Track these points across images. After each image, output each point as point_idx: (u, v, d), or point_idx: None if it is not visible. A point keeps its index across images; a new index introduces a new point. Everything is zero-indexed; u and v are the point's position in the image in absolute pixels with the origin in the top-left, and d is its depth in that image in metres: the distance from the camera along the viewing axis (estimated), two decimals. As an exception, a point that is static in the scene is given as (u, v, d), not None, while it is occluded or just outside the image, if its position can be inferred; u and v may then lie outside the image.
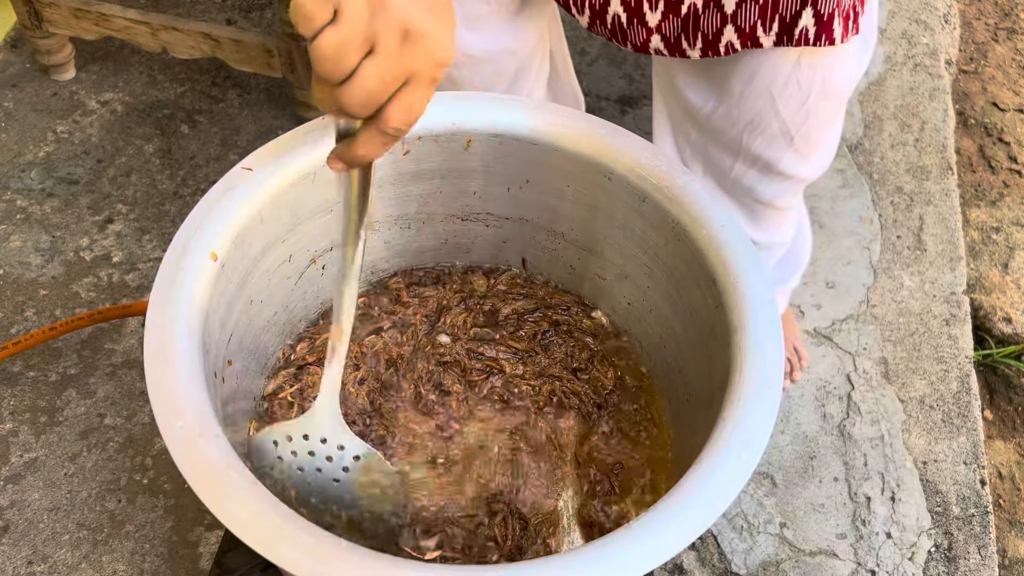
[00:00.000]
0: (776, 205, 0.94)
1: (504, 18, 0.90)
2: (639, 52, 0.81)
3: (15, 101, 1.42)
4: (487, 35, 0.90)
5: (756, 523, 1.08)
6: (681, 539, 0.54)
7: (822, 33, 0.74)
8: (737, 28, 0.75)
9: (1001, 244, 1.47)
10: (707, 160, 0.91)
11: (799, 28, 0.74)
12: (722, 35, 0.76)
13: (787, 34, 0.75)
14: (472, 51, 0.90)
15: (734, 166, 0.89)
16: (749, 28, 0.75)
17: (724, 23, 0.76)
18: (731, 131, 0.85)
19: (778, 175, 0.89)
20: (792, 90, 0.80)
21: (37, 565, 0.98)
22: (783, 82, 0.79)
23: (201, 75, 1.48)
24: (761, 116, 0.82)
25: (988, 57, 1.76)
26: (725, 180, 0.91)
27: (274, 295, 0.75)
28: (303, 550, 0.51)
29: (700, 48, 0.78)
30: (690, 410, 0.74)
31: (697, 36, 0.78)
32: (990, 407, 1.32)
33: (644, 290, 0.78)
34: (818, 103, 0.82)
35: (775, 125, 0.83)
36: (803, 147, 0.86)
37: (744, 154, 0.87)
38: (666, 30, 0.78)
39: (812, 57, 0.78)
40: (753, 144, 0.85)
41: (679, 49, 0.79)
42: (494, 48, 0.91)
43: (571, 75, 1.13)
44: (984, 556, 1.09)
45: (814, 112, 0.82)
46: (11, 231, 1.26)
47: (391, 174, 0.76)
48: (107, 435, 1.08)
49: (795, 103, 0.81)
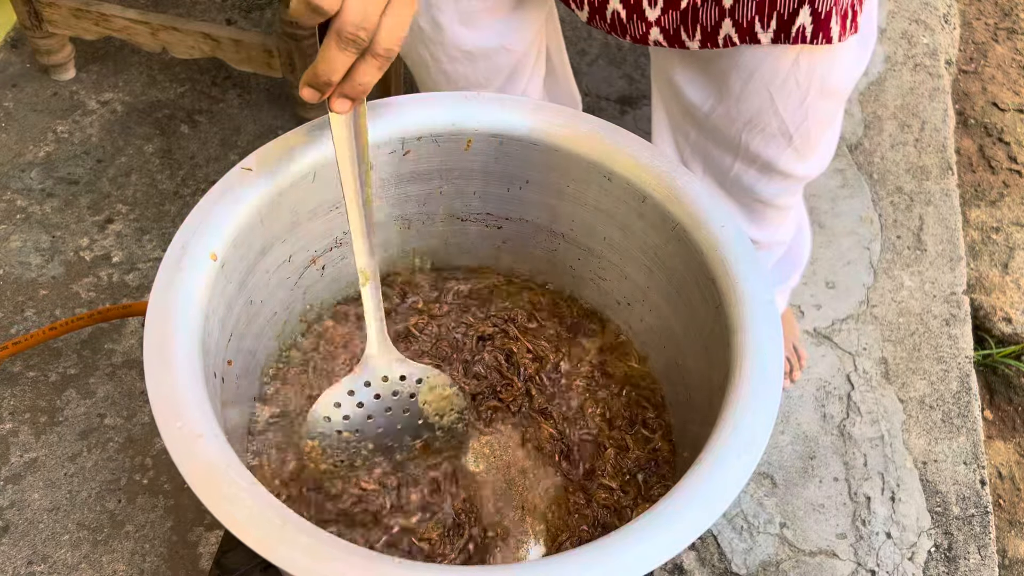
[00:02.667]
0: (776, 204, 0.94)
1: (500, 15, 0.90)
2: (638, 43, 0.81)
3: (15, 101, 1.42)
4: (482, 31, 0.90)
5: (756, 523, 1.08)
6: (681, 539, 0.54)
7: (819, 31, 0.74)
8: (735, 22, 0.75)
9: (1001, 244, 1.47)
10: (707, 159, 0.91)
11: (796, 26, 0.74)
12: (720, 28, 0.76)
13: (784, 31, 0.75)
14: (467, 47, 0.90)
15: (733, 165, 0.89)
16: (747, 23, 0.75)
17: (722, 17, 0.76)
18: (730, 130, 0.85)
19: (777, 174, 0.89)
20: (791, 88, 0.80)
21: (37, 565, 0.98)
22: (782, 80, 0.79)
23: (201, 75, 1.48)
24: (760, 114, 0.82)
25: (988, 57, 1.76)
26: (725, 179, 0.92)
27: (274, 295, 0.75)
28: (302, 550, 0.51)
29: (699, 40, 0.78)
30: (690, 410, 0.74)
31: (696, 28, 0.78)
32: (990, 407, 1.32)
33: (644, 290, 0.78)
34: (817, 102, 0.82)
35: (774, 124, 0.83)
36: (802, 146, 0.86)
37: (743, 153, 0.87)
38: (665, 23, 0.78)
39: (811, 55, 0.78)
40: (752, 143, 0.85)
41: (678, 41, 0.79)
42: (489, 45, 0.91)
43: (568, 74, 1.13)
44: (984, 556, 1.09)
45: (813, 111, 0.82)
46: (11, 231, 1.26)
47: (391, 174, 0.76)
48: (107, 435, 1.08)
49: (794, 101, 0.81)
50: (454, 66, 0.92)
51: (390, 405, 0.70)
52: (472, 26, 0.89)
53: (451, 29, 0.88)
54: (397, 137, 0.73)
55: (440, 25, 0.88)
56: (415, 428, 0.72)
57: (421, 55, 0.92)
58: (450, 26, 0.88)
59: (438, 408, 0.72)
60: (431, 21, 0.88)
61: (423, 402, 0.71)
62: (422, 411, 0.71)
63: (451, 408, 0.72)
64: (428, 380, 0.71)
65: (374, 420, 0.70)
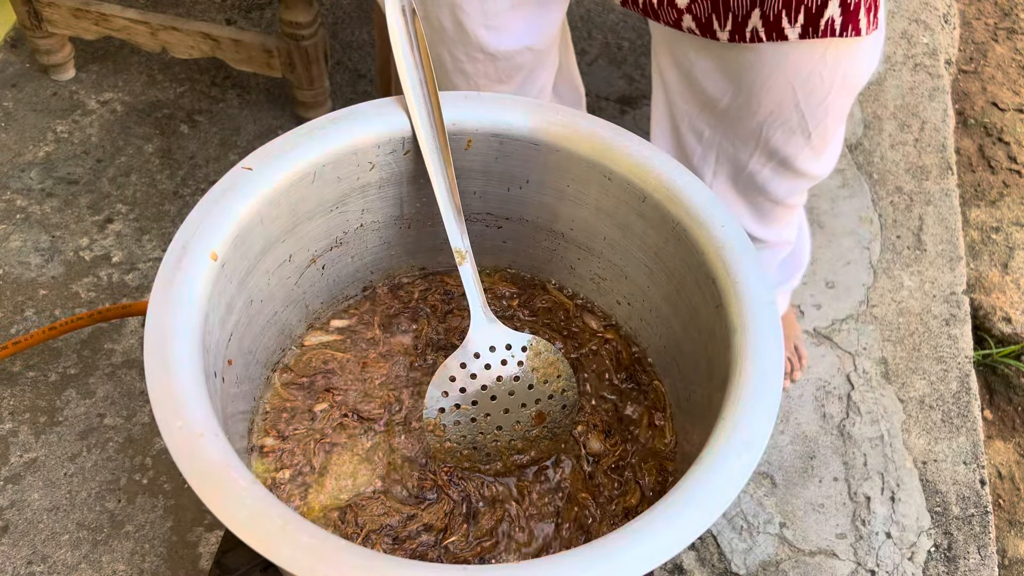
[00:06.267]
0: (787, 203, 0.94)
1: (524, 14, 0.89)
2: (674, 28, 0.81)
3: (15, 101, 1.42)
4: (506, 33, 0.89)
5: (756, 523, 1.08)
6: (681, 539, 0.54)
7: (848, 23, 0.74)
8: (763, 14, 0.75)
9: (1001, 244, 1.47)
10: (721, 158, 0.91)
11: (825, 18, 0.73)
12: (749, 19, 0.76)
13: (812, 25, 0.74)
14: (490, 49, 0.89)
15: (749, 162, 0.88)
16: (774, 16, 0.74)
17: (753, 6, 0.75)
18: (750, 123, 0.85)
19: (792, 171, 0.89)
20: (815, 84, 0.79)
21: (37, 565, 0.98)
22: (806, 75, 0.79)
23: (201, 75, 1.48)
24: (781, 108, 0.82)
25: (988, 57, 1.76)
26: (739, 178, 0.91)
27: (274, 295, 0.75)
28: (303, 550, 0.51)
29: (729, 31, 0.78)
30: (690, 410, 0.74)
31: (727, 17, 0.77)
32: (990, 407, 1.32)
33: (644, 290, 0.78)
34: (837, 97, 0.81)
35: (794, 119, 0.82)
36: (819, 143, 0.86)
37: (762, 147, 0.86)
38: (696, 11, 0.78)
39: (837, 50, 0.77)
40: (772, 137, 0.85)
41: (710, 30, 0.79)
42: (512, 47, 0.91)
43: (573, 66, 1.12)
44: (984, 556, 1.09)
45: (833, 106, 0.82)
46: (11, 231, 1.26)
47: (391, 174, 0.76)
48: (107, 435, 1.08)
49: (817, 97, 0.81)
50: (474, 66, 0.91)
51: (501, 374, 0.72)
52: (496, 28, 0.88)
53: (475, 32, 0.88)
54: (398, 137, 0.73)
55: (463, 26, 0.87)
56: (528, 394, 0.74)
57: (439, 54, 0.92)
58: (475, 29, 0.87)
59: (545, 375, 0.74)
60: (454, 21, 0.87)
61: (531, 368, 0.73)
62: (531, 377, 0.73)
63: (557, 375, 0.74)
64: (532, 346, 0.73)
65: (488, 390, 0.72)
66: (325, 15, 1.60)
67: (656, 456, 0.76)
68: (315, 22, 1.28)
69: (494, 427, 0.73)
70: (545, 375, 0.74)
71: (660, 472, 0.75)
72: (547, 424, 0.74)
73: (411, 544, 0.69)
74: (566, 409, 0.75)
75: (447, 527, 0.70)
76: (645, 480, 0.74)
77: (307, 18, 1.26)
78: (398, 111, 0.73)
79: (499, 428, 0.73)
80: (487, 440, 0.73)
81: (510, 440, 0.73)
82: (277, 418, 0.75)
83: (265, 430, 0.74)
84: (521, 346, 0.73)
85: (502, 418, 0.73)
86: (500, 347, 0.72)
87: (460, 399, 0.71)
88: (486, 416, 0.72)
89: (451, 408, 0.71)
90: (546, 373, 0.74)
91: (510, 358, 0.73)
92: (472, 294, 0.71)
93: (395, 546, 0.69)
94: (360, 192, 0.75)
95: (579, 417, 0.77)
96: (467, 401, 0.72)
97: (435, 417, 0.71)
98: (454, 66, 0.92)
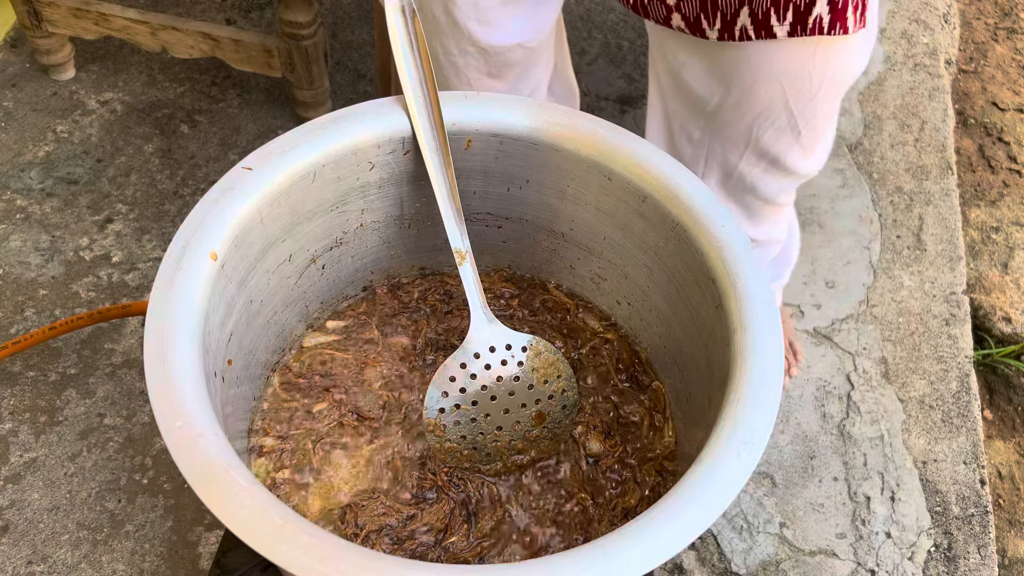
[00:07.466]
0: (777, 202, 0.94)
1: (518, 11, 0.89)
2: (663, 26, 0.81)
3: (15, 101, 1.42)
4: (498, 29, 0.89)
5: (756, 523, 1.08)
6: (681, 539, 0.54)
7: (836, 21, 0.74)
8: (752, 12, 0.75)
9: (1001, 244, 1.47)
10: (711, 160, 0.91)
11: (813, 16, 0.73)
12: (738, 17, 0.76)
13: (801, 23, 0.74)
14: (482, 44, 0.90)
15: (740, 162, 0.89)
16: (763, 14, 0.75)
17: (741, 4, 0.76)
18: (740, 124, 0.85)
19: (782, 170, 0.89)
20: (804, 83, 0.80)
21: (37, 565, 0.98)
22: (795, 74, 0.79)
23: (201, 75, 1.48)
24: (771, 107, 0.82)
25: (988, 57, 1.76)
26: (728, 178, 0.91)
27: (274, 295, 0.75)
28: (303, 550, 0.51)
29: (719, 29, 0.78)
30: (690, 410, 0.74)
31: (716, 15, 0.77)
32: (990, 407, 1.32)
33: (644, 290, 0.78)
34: (826, 96, 0.82)
35: (784, 118, 0.83)
36: (809, 141, 0.86)
37: (753, 147, 0.87)
38: (685, 10, 0.79)
39: (827, 49, 0.77)
40: (763, 137, 0.85)
41: (699, 29, 0.79)
42: (504, 43, 0.91)
43: (568, 66, 1.13)
44: (984, 556, 1.09)
45: (822, 105, 0.82)
46: (11, 231, 1.26)
47: (391, 174, 0.76)
48: (107, 435, 1.08)
49: (806, 96, 0.81)
50: (465, 59, 0.91)
51: (501, 374, 0.72)
52: (488, 23, 0.88)
53: (466, 25, 0.88)
54: (398, 137, 0.73)
55: (455, 19, 0.87)
56: (529, 394, 0.73)
57: (433, 47, 0.91)
58: (466, 23, 0.88)
59: (545, 375, 0.73)
60: (446, 14, 0.87)
61: (531, 368, 0.73)
62: (531, 378, 0.73)
63: (558, 375, 0.74)
64: (533, 347, 0.73)
65: (488, 390, 0.72)
66: (325, 15, 1.60)
67: (656, 456, 0.76)
68: (315, 22, 1.28)
69: (494, 427, 0.73)
70: (545, 375, 0.74)
71: (660, 472, 0.75)
72: (547, 424, 0.74)
73: (411, 544, 0.69)
74: (566, 409, 0.75)
75: (447, 527, 0.70)
76: (645, 480, 0.74)
77: (307, 18, 1.26)
78: (398, 111, 0.73)
79: (499, 428, 0.73)
80: (487, 440, 0.73)
81: (510, 440, 0.73)
82: (277, 418, 0.75)
83: (265, 430, 0.74)
84: (521, 346, 0.73)
85: (502, 418, 0.73)
86: (500, 347, 0.72)
87: (460, 399, 0.71)
88: (486, 416, 0.72)
89: (451, 408, 0.71)
90: (546, 373, 0.74)
91: (510, 358, 0.72)
92: (472, 294, 0.71)
93: (395, 546, 0.69)
94: (360, 192, 0.75)
95: (579, 417, 0.77)
96: (467, 401, 0.72)
97: (435, 417, 0.71)
98: (446, 59, 0.92)
